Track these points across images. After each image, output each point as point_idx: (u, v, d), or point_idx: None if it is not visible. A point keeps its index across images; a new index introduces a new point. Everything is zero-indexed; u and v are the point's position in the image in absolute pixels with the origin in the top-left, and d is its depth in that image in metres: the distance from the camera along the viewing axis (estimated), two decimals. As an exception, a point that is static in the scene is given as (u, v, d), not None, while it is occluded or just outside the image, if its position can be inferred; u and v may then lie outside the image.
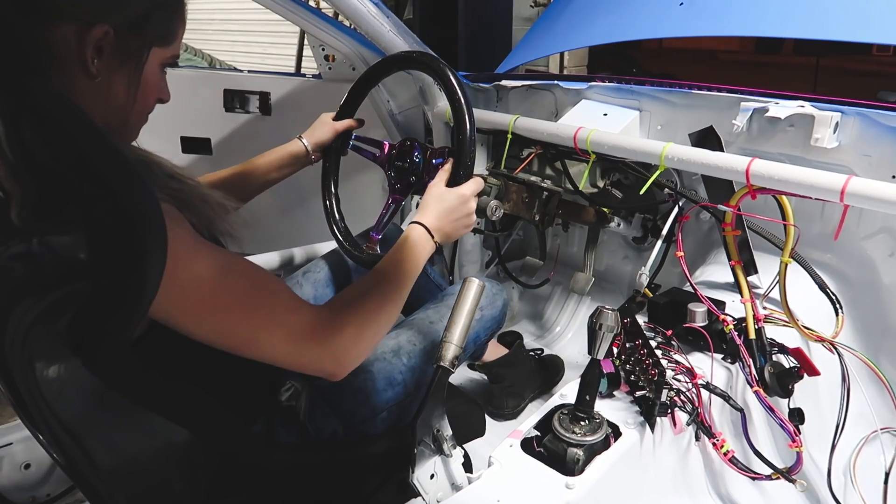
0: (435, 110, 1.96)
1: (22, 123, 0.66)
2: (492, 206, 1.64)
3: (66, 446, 0.79)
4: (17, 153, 0.67)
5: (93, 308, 0.68)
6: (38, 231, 0.69)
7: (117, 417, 0.82)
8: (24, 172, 0.68)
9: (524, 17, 4.89)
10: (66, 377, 0.74)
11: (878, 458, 1.20)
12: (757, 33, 1.56)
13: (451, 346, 1.01)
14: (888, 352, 1.37)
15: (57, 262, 0.69)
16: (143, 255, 0.66)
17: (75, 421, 0.78)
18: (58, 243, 0.69)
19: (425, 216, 1.11)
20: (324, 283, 1.42)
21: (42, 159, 0.66)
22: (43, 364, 0.71)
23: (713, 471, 1.14)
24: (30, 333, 0.69)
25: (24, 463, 1.30)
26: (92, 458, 0.80)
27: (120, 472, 0.84)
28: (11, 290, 0.70)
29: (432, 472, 1.00)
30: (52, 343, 0.71)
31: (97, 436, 0.81)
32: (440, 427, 1.01)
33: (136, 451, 0.85)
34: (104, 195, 0.66)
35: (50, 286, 0.68)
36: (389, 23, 1.68)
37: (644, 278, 1.50)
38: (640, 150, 1.44)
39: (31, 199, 0.68)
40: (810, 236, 1.41)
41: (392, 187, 1.40)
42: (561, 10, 2.10)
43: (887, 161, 1.29)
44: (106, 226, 0.66)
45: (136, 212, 0.66)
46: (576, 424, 0.98)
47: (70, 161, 0.65)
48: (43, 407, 0.74)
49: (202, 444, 0.89)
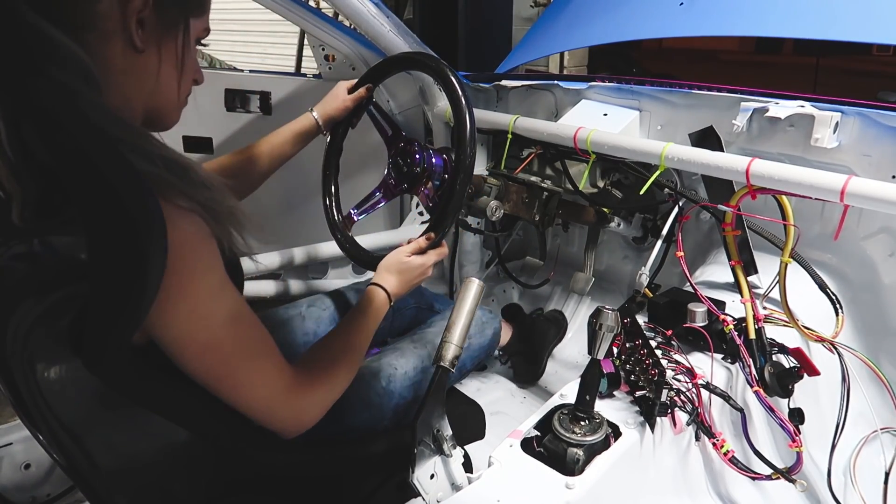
0: (435, 110, 1.96)
1: (24, 123, 0.65)
2: (492, 206, 1.64)
3: (65, 446, 0.79)
4: (18, 153, 0.66)
5: (93, 309, 0.68)
6: (40, 231, 0.68)
7: (117, 417, 0.82)
8: (25, 172, 0.67)
9: (524, 17, 4.88)
10: (66, 378, 0.74)
11: (878, 458, 1.20)
12: (757, 33, 1.56)
13: (451, 346, 1.01)
14: (888, 352, 1.37)
15: (58, 262, 0.68)
16: (143, 257, 0.66)
17: (75, 421, 0.78)
18: (59, 243, 0.69)
19: (388, 281, 1.17)
20: (327, 321, 1.41)
21: (43, 159, 0.66)
22: (43, 364, 0.71)
23: (713, 471, 1.14)
24: (31, 333, 0.69)
25: (24, 463, 1.30)
26: (92, 458, 0.80)
27: (120, 472, 0.84)
28: (13, 290, 0.70)
29: (432, 472, 1.00)
30: (52, 343, 0.71)
31: (97, 436, 0.81)
32: (440, 427, 1.01)
33: (135, 452, 0.85)
34: (106, 196, 0.65)
35: (51, 286, 0.68)
36: (389, 23, 1.69)
37: (644, 278, 1.50)
38: (640, 150, 1.44)
39: (33, 200, 0.68)
40: (810, 236, 1.41)
41: (385, 181, 1.41)
42: (561, 10, 2.10)
43: (887, 161, 1.29)
44: (107, 227, 0.66)
45: (137, 214, 0.65)
46: (576, 424, 0.98)
47: (72, 161, 0.65)
48: (43, 407, 0.74)
49: (202, 444, 0.89)
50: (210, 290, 0.75)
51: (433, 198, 1.36)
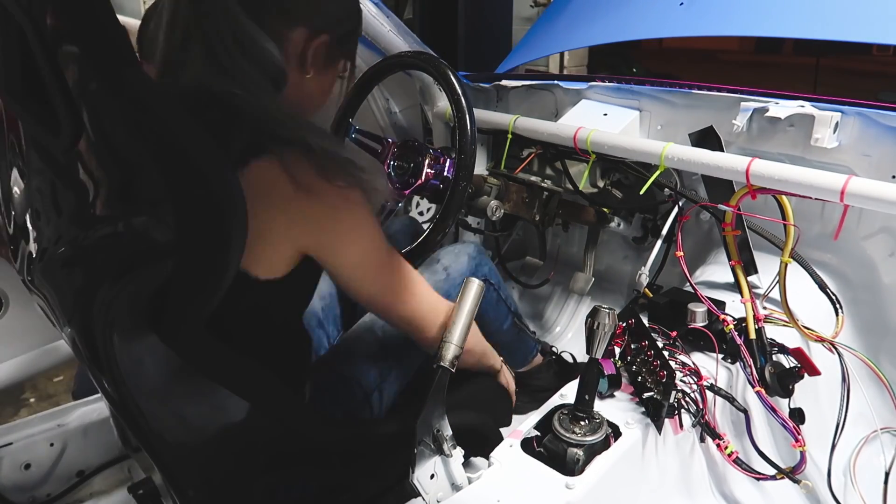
0: (435, 110, 1.95)
1: (109, 112, 0.68)
2: (492, 206, 1.64)
3: (135, 417, 0.81)
4: (102, 141, 0.70)
5: (175, 287, 0.72)
6: (124, 214, 0.73)
7: (186, 391, 0.85)
8: (109, 159, 0.72)
9: (524, 17, 4.88)
10: (141, 351, 0.77)
11: (878, 458, 1.20)
12: (757, 33, 1.56)
13: (451, 346, 1.01)
14: (888, 352, 1.37)
15: (140, 242, 0.72)
16: (226, 238, 0.70)
17: (147, 393, 0.80)
18: (141, 225, 0.73)
19: None
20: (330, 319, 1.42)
21: (123, 146, 0.70)
22: (121, 337, 0.74)
23: (715, 471, 1.14)
24: (111, 307, 0.71)
25: (24, 463, 1.30)
26: (159, 430, 0.82)
27: (186, 445, 0.87)
28: (100, 268, 0.74)
29: (432, 472, 1.00)
30: (131, 318, 0.74)
31: (168, 407, 0.84)
32: (440, 427, 1.01)
33: (202, 425, 0.88)
34: (194, 181, 0.69)
35: (133, 265, 0.71)
36: (389, 23, 1.68)
37: (644, 278, 1.50)
38: (640, 150, 1.44)
39: (117, 185, 0.73)
40: (810, 236, 1.41)
41: (392, 185, 1.41)
42: (561, 10, 2.10)
43: (887, 161, 1.29)
44: (194, 209, 0.70)
45: (223, 196, 0.70)
46: (576, 424, 0.98)
47: (160, 147, 0.68)
48: (118, 378, 0.77)
49: (262, 418, 0.91)
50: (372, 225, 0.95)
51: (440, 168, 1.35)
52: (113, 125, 0.69)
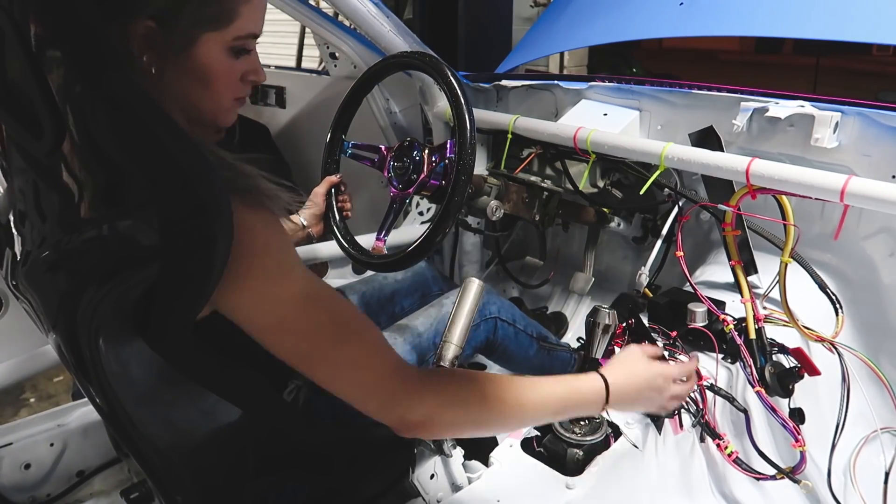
0: (435, 110, 1.96)
1: (93, 115, 0.68)
2: (492, 206, 1.64)
3: (122, 422, 0.81)
4: (87, 144, 0.69)
5: (160, 290, 0.71)
6: (109, 218, 0.72)
7: (176, 395, 0.84)
8: (95, 163, 0.71)
9: (524, 17, 4.88)
10: (127, 356, 0.77)
11: (878, 458, 1.20)
12: (757, 33, 1.56)
13: (451, 346, 1.01)
14: (888, 352, 1.37)
15: (125, 246, 0.72)
16: (211, 241, 0.69)
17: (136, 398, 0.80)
18: (126, 229, 0.72)
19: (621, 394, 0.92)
20: None
21: (108, 149, 0.69)
22: (107, 341, 0.74)
23: (715, 471, 1.14)
24: (97, 312, 0.71)
25: (24, 463, 1.30)
26: (146, 434, 0.82)
27: (177, 449, 0.86)
28: (85, 272, 0.73)
29: (432, 472, 1.00)
30: (116, 322, 0.73)
31: (156, 413, 0.83)
32: (440, 427, 1.01)
33: (190, 429, 0.87)
34: (179, 183, 0.68)
35: (118, 268, 0.71)
36: (389, 23, 1.69)
37: (644, 278, 1.50)
38: (640, 150, 1.44)
39: (102, 188, 0.72)
40: (810, 236, 1.40)
41: (394, 187, 1.41)
42: (561, 10, 2.10)
43: (887, 161, 1.29)
44: (177, 212, 0.69)
45: (207, 198, 0.69)
46: (575, 424, 0.98)
47: (145, 149, 0.68)
48: (105, 383, 0.76)
49: (251, 422, 0.90)
50: (274, 270, 0.76)
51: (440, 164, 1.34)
52: (98, 128, 0.69)
